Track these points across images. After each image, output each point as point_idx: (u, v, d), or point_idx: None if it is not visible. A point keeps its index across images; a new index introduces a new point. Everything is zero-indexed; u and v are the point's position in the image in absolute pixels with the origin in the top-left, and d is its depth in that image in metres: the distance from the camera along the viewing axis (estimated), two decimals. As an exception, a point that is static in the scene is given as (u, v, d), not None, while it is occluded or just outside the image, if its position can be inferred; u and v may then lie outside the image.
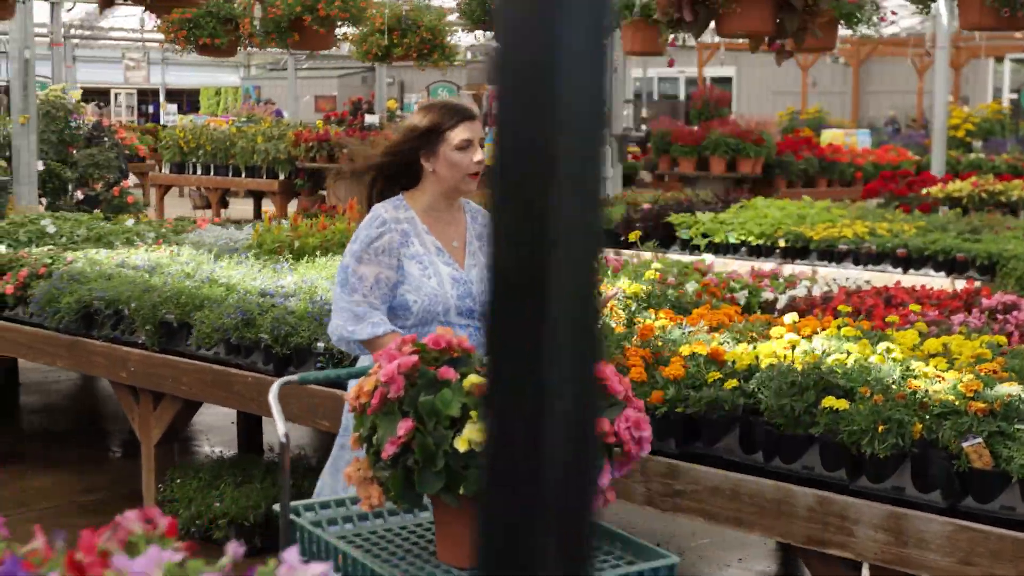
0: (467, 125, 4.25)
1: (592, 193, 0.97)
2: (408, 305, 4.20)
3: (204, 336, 6.38)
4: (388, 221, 4.25)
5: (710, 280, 6.96)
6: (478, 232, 4.38)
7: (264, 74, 41.73)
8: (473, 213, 4.43)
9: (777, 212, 10.59)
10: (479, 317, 4.09)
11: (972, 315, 6.39)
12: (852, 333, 5.24)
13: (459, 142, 4.23)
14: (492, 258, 0.96)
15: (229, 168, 20.34)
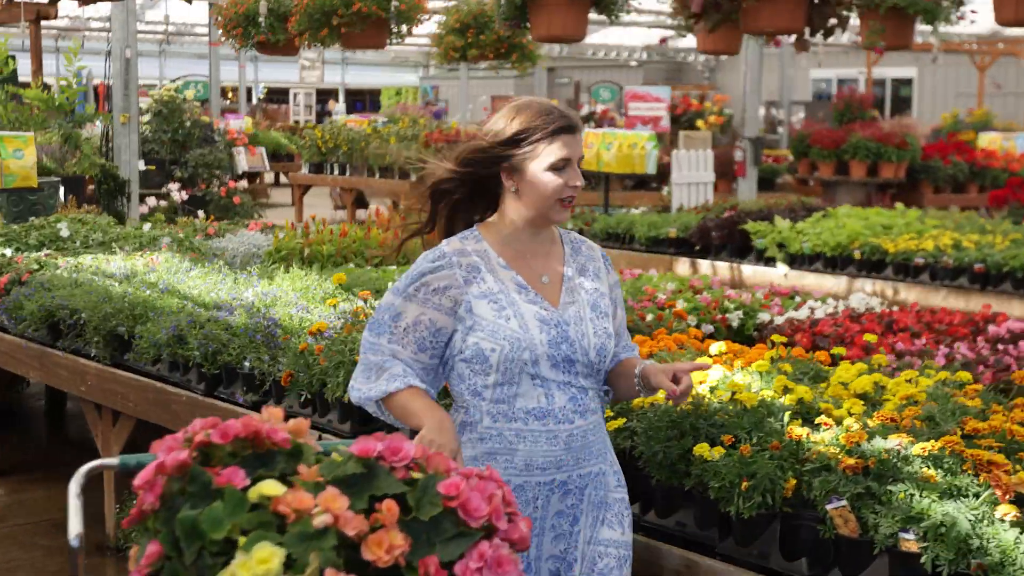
0: (567, 139, 3.31)
1: None
2: (484, 355, 3.27)
3: (143, 351, 6.10)
4: (450, 255, 3.35)
5: (704, 299, 6.37)
6: (580, 265, 3.45)
7: (443, 74, 41.78)
8: (574, 244, 3.50)
9: (858, 222, 9.83)
10: (582, 371, 3.33)
11: (977, 344, 5.67)
12: (785, 368, 4.63)
13: (555, 160, 3.30)
14: None
15: (365, 169, 20.22)
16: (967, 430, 3.90)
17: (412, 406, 3.29)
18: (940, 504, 3.44)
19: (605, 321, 3.40)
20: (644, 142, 11.82)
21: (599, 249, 3.58)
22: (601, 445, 3.41)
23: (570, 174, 3.33)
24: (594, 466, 3.38)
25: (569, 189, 3.33)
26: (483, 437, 3.32)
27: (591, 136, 12.36)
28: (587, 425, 3.35)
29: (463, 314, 3.30)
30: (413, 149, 19.18)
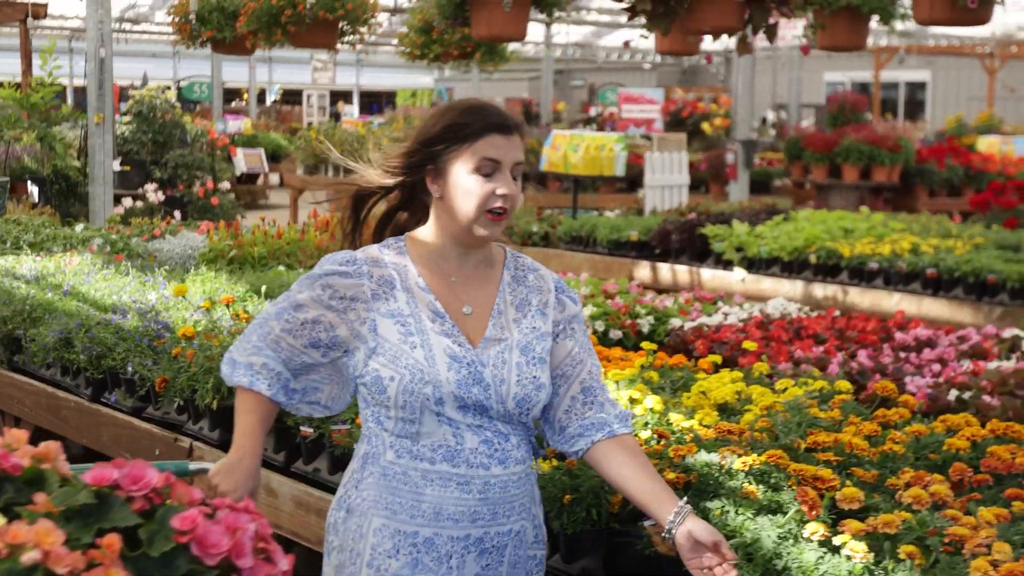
0: (497, 140, 2.88)
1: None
2: (383, 384, 2.86)
3: (33, 355, 5.97)
4: (361, 262, 2.94)
5: (616, 304, 6.20)
6: (520, 298, 3.00)
7: (458, 76, 41.69)
8: (519, 271, 3.04)
9: (816, 226, 9.63)
10: (498, 418, 2.90)
11: (882, 351, 5.49)
12: (651, 376, 4.46)
13: (480, 161, 2.87)
14: None
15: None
16: (808, 443, 3.72)
17: (238, 420, 2.99)
18: (752, 521, 3.27)
19: (538, 368, 2.92)
20: (612, 144, 11.64)
21: (553, 279, 3.07)
22: (526, 500, 2.95)
23: (499, 180, 2.87)
24: (515, 523, 2.93)
25: (497, 198, 2.86)
26: (386, 473, 2.89)
27: (559, 138, 12.19)
28: (508, 475, 2.89)
29: (366, 333, 2.90)
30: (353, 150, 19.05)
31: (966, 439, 3.79)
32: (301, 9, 9.10)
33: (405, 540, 2.86)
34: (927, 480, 3.43)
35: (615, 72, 37.62)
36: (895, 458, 3.71)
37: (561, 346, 3.01)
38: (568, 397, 3.03)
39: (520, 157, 2.94)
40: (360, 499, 2.92)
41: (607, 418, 3.00)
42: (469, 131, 2.89)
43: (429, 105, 29.49)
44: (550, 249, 11.33)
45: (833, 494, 3.37)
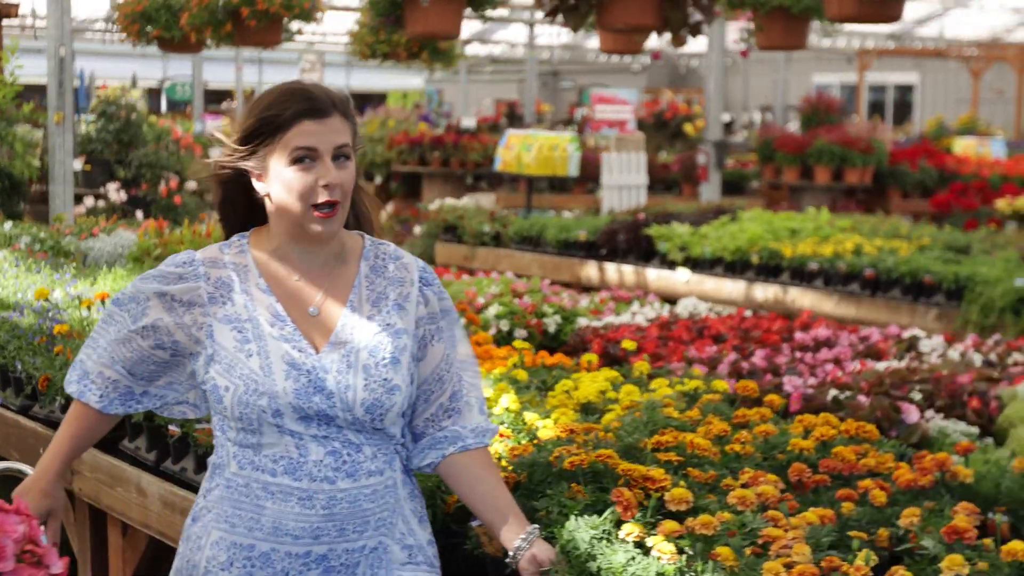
0: (311, 126, 2.70)
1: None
2: (219, 393, 2.74)
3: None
4: (198, 264, 2.81)
5: (524, 303, 6.14)
6: (377, 293, 2.83)
7: (448, 77, 41.63)
8: (379, 262, 2.87)
9: (760, 226, 9.57)
10: (348, 427, 2.74)
11: (782, 350, 5.43)
12: (518, 375, 4.39)
13: (293, 151, 2.70)
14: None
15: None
16: (652, 443, 3.66)
17: (56, 434, 2.94)
18: (571, 522, 3.20)
19: (390, 370, 2.75)
20: (565, 144, 11.58)
21: (419, 269, 2.88)
22: (386, 514, 2.79)
23: (320, 170, 2.70)
24: (370, 539, 2.77)
25: (321, 190, 2.69)
26: (230, 485, 2.78)
27: (513, 138, 12.13)
28: (358, 489, 2.74)
29: (204, 339, 2.77)
30: (380, 151, 18.99)
31: (816, 439, 3.72)
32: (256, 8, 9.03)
33: (240, 553, 2.75)
34: (761, 481, 3.37)
35: (604, 74, 37.55)
36: (740, 459, 3.64)
37: (432, 350, 2.86)
38: (436, 404, 2.91)
39: (340, 140, 2.74)
40: (204, 509, 2.84)
41: (461, 431, 2.89)
42: (280, 121, 2.71)
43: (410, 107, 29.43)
44: (501, 249, 11.27)
45: (661, 495, 3.31)
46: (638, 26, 6.96)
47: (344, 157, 2.75)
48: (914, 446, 4.11)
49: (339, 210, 2.75)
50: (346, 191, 2.77)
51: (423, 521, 2.91)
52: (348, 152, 2.77)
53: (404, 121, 21.60)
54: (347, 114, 2.80)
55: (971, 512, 3.09)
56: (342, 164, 2.75)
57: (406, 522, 2.85)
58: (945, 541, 2.87)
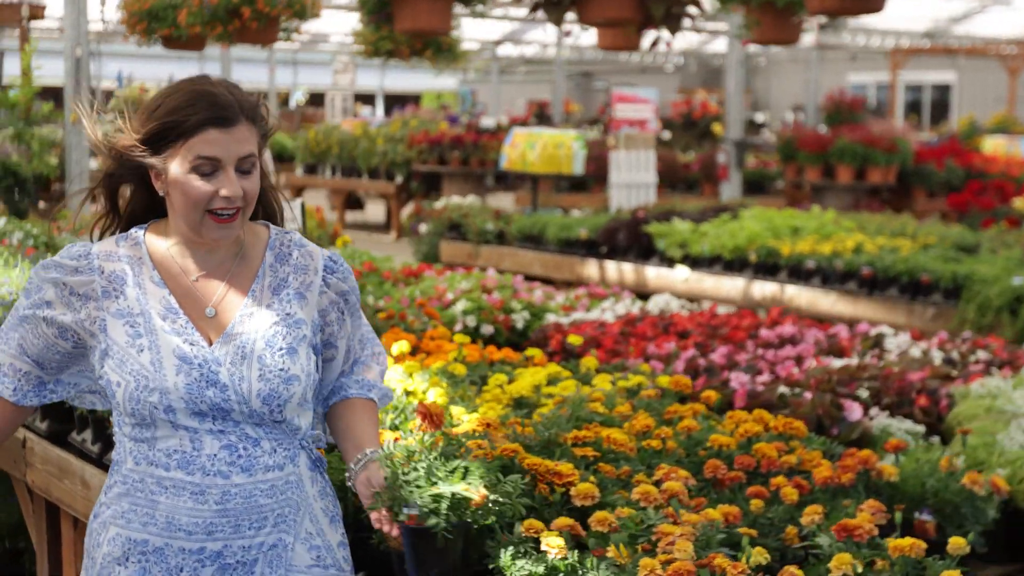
0: (215, 135, 2.64)
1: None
2: (112, 389, 2.70)
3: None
4: (93, 256, 2.75)
5: (492, 299, 6.09)
6: (278, 281, 2.78)
7: (480, 78, 41.67)
8: (283, 251, 2.82)
9: (759, 224, 9.47)
10: (246, 420, 2.69)
11: (746, 348, 5.35)
12: (457, 369, 4.33)
13: (194, 160, 2.65)
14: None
15: (358, 170, 20.08)
16: (570, 437, 3.59)
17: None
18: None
19: (287, 359, 2.69)
20: (571, 142, 11.52)
21: (324, 257, 2.85)
22: (288, 511, 2.72)
23: (221, 180, 2.64)
24: (268, 536, 2.70)
25: (220, 200, 2.64)
26: (126, 481, 2.72)
27: (518, 136, 12.08)
28: (254, 483, 2.68)
29: (98, 333, 2.72)
30: (401, 150, 18.98)
31: (740, 436, 3.65)
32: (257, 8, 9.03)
33: (135, 548, 2.70)
34: (672, 477, 3.30)
35: (637, 74, 37.42)
36: (660, 455, 3.58)
37: (338, 338, 2.88)
38: (338, 372, 2.97)
39: (245, 150, 2.66)
40: (104, 506, 2.80)
41: (346, 383, 2.93)
42: (183, 128, 2.64)
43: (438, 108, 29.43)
44: (504, 247, 11.22)
45: (568, 489, 3.24)
46: (618, 20, 6.88)
47: (248, 166, 2.69)
48: (854, 444, 4.03)
49: (240, 216, 2.70)
50: (249, 199, 2.70)
51: (335, 521, 2.83)
52: (253, 161, 2.70)
53: (429, 121, 21.60)
54: (255, 119, 2.73)
55: (876, 510, 3.01)
56: (245, 174, 2.69)
57: (314, 521, 2.78)
58: (836, 539, 2.79)
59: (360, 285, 6.50)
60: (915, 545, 2.76)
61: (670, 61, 36.35)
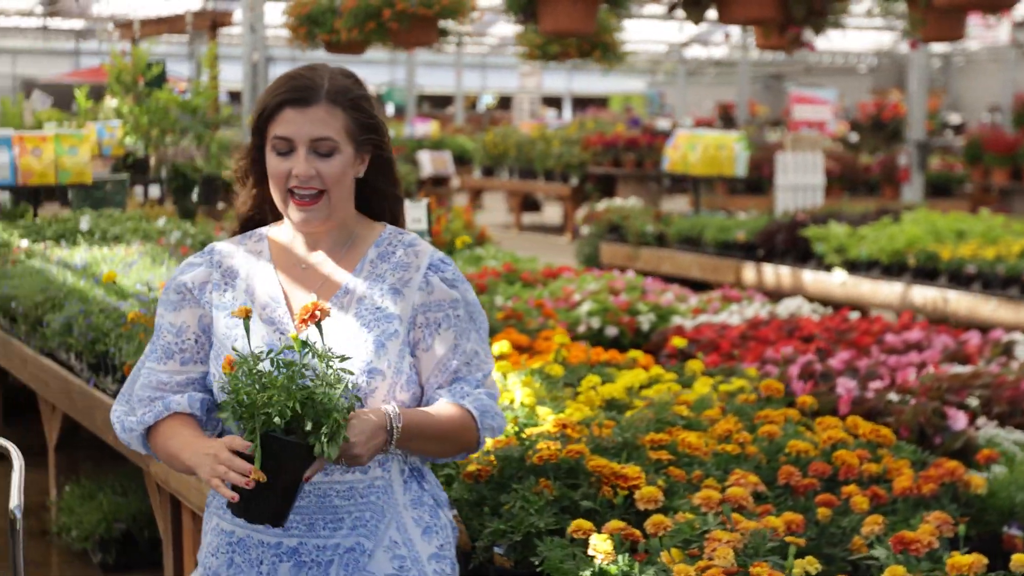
0: (290, 115, 2.64)
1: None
2: (210, 381, 2.74)
3: (48, 338, 6.19)
4: (215, 252, 2.80)
5: (618, 301, 6.06)
6: (376, 276, 2.72)
7: (669, 80, 41.46)
8: (389, 249, 2.76)
9: (920, 227, 9.20)
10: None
11: (871, 354, 5.23)
12: (554, 370, 4.32)
13: (272, 140, 2.65)
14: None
15: (535, 173, 20.18)
16: (646, 440, 3.55)
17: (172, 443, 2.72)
18: (539, 517, 3.14)
19: (372, 353, 2.62)
20: (732, 144, 11.37)
21: (430, 257, 2.73)
22: (368, 515, 2.64)
23: (294, 160, 2.62)
24: (345, 538, 2.64)
25: (292, 179, 2.62)
26: None
27: (681, 138, 11.97)
28: (329, 484, 2.63)
29: (209, 326, 2.73)
30: (576, 152, 19.03)
31: (825, 442, 3.56)
32: (400, 8, 9.16)
33: (224, 539, 2.73)
34: (741, 482, 3.24)
35: (827, 76, 36.73)
36: (738, 459, 3.51)
37: (433, 338, 2.69)
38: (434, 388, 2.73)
39: (319, 132, 2.62)
40: (210, 496, 2.83)
41: (441, 392, 2.70)
42: (267, 111, 2.66)
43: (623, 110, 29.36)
44: (663, 250, 11.14)
45: (632, 492, 3.21)
46: (758, 19, 6.76)
47: (325, 149, 2.64)
48: (957, 454, 3.89)
49: (323, 200, 2.66)
50: (327, 183, 2.64)
51: (428, 533, 2.69)
52: (331, 146, 2.64)
53: (607, 124, 21.59)
54: (344, 105, 2.67)
55: (943, 523, 2.90)
56: (322, 156, 2.64)
57: (402, 530, 2.67)
58: (892, 551, 2.69)
59: (490, 285, 6.52)
60: (975, 563, 2.65)
61: (863, 62, 35.59)
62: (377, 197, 2.83)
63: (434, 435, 2.64)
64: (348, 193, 2.72)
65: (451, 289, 2.71)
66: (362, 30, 9.28)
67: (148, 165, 13.83)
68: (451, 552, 2.72)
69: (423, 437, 2.62)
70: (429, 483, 2.74)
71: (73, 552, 6.22)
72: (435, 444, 2.66)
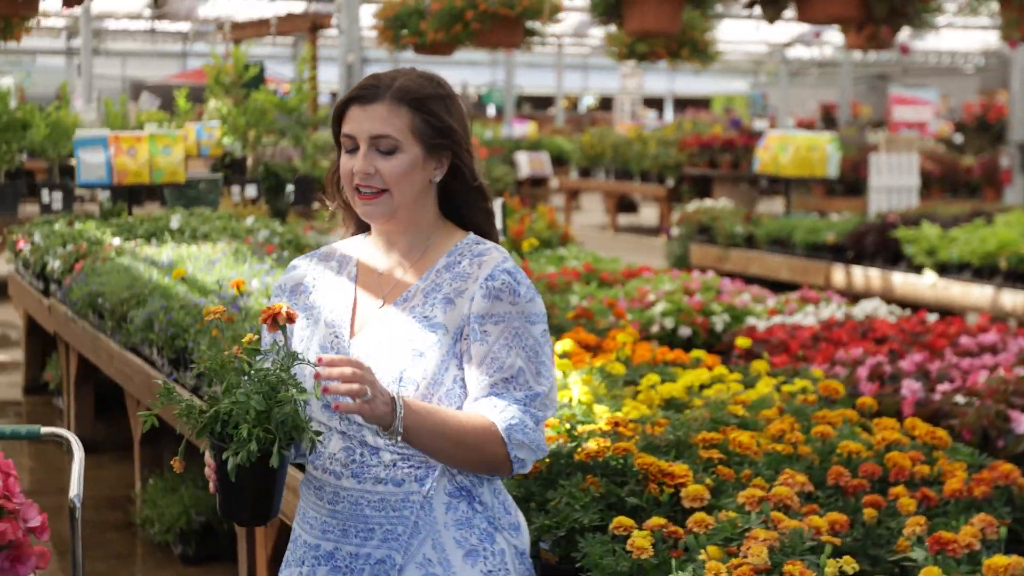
0: (353, 112, 2.68)
1: None
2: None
3: (130, 334, 6.32)
4: (315, 256, 2.87)
5: (692, 301, 6.06)
6: (435, 284, 2.69)
7: (772, 81, 41.07)
8: (459, 257, 2.72)
9: (1014, 230, 9.04)
10: (367, 424, 2.60)
11: (945, 356, 5.17)
12: (615, 369, 4.33)
13: (340, 138, 2.71)
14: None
15: (631, 174, 20.15)
16: (698, 439, 3.55)
17: None
18: (584, 514, 3.16)
19: (410, 361, 2.61)
20: (824, 145, 11.26)
21: (492, 267, 2.66)
22: (400, 529, 2.61)
23: (356, 157, 2.64)
24: (376, 549, 2.61)
25: (358, 176, 2.64)
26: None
27: (771, 139, 11.88)
28: (361, 492, 2.62)
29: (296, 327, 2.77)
30: (672, 153, 18.98)
31: (879, 443, 3.53)
32: (482, 8, 9.22)
33: (293, 535, 2.79)
34: (789, 482, 3.23)
35: (933, 76, 36.15)
36: (789, 459, 3.49)
37: (476, 350, 2.61)
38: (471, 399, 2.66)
39: (378, 129, 2.62)
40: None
41: (473, 404, 2.62)
42: (338, 109, 2.71)
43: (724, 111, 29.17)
44: (752, 251, 11.07)
45: (678, 490, 3.22)
46: (838, 17, 6.70)
47: (386, 147, 2.64)
48: (1019, 457, 3.84)
49: (384, 197, 2.66)
50: (387, 180, 2.64)
51: (473, 556, 2.62)
52: (391, 143, 2.64)
53: (707, 125, 21.48)
54: (409, 104, 2.66)
55: (987, 525, 2.87)
56: (382, 154, 2.64)
57: (439, 549, 2.61)
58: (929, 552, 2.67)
59: (562, 285, 6.53)
60: (1013, 565, 2.62)
61: (969, 61, 34.97)
62: (464, 206, 2.79)
63: (444, 435, 2.55)
64: (418, 196, 2.70)
65: (497, 301, 2.62)
66: (448, 32, 9.36)
67: (245, 165, 14.06)
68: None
69: (432, 434, 2.54)
70: (485, 506, 2.66)
71: (155, 544, 6.35)
72: (449, 446, 2.56)
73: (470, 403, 2.62)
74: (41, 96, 24.84)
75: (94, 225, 8.56)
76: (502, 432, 2.57)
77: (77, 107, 21.25)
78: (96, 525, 6.76)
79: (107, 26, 26.77)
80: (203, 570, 6.07)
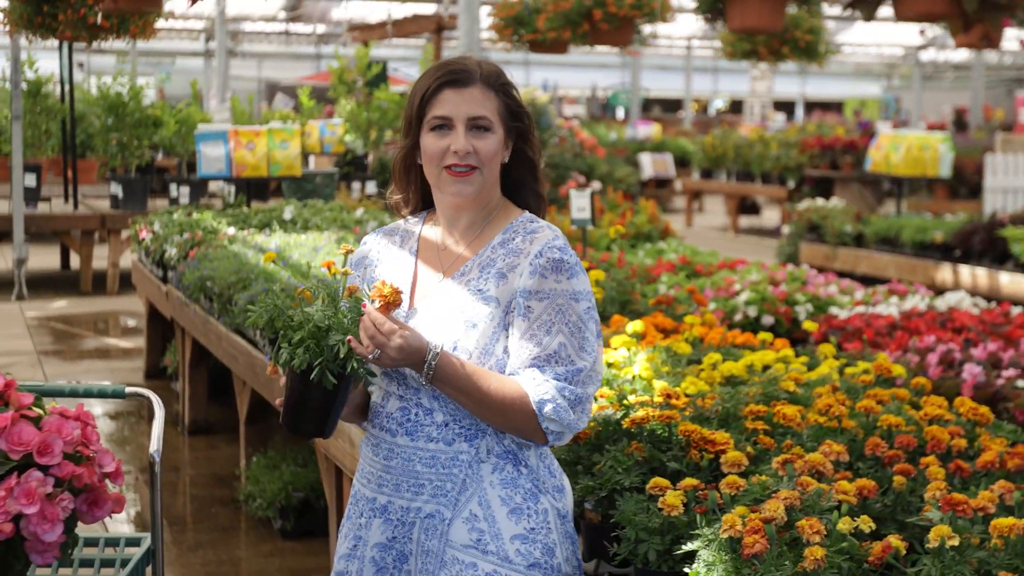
0: (449, 95, 2.81)
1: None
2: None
3: (234, 316, 6.61)
4: (380, 232, 3.06)
5: (776, 291, 6.17)
6: (490, 260, 2.85)
7: (905, 84, 40.51)
8: (513, 235, 2.88)
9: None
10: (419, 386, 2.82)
11: (1018, 347, 5.23)
12: (681, 348, 4.48)
13: (431, 119, 2.82)
14: None
15: (752, 175, 20.14)
16: (744, 411, 3.69)
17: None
18: (626, 476, 3.32)
19: (463, 332, 2.78)
20: (937, 144, 11.21)
21: (542, 245, 2.81)
22: (450, 486, 2.79)
23: (452, 137, 2.79)
24: (427, 504, 2.81)
25: (451, 155, 2.78)
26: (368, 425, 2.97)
27: (883, 138, 11.85)
28: (416, 449, 2.81)
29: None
30: (793, 155, 18.92)
31: (922, 418, 3.64)
32: (612, 10, 9.38)
33: (353, 489, 2.99)
34: (825, 452, 3.35)
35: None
36: (833, 432, 3.62)
37: (519, 324, 2.78)
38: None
39: (476, 111, 2.79)
40: None
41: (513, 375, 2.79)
42: (427, 92, 2.82)
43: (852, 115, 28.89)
44: (861, 250, 11.07)
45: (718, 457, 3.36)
46: (931, 15, 6.73)
47: (481, 128, 2.81)
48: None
49: (475, 175, 2.81)
50: (482, 159, 2.81)
51: (517, 513, 2.79)
52: (486, 124, 2.81)
53: (830, 127, 21.36)
54: (496, 88, 2.85)
55: (1006, 491, 2.98)
56: (478, 134, 2.81)
57: (484, 505, 2.78)
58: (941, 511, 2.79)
59: (649, 275, 6.66)
60: (1016, 526, 2.73)
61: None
62: (522, 188, 2.97)
63: (471, 393, 2.72)
64: (496, 175, 2.89)
65: (543, 279, 2.77)
66: (574, 31, 9.53)
67: (366, 162, 14.40)
68: (546, 538, 2.79)
69: (459, 390, 2.72)
70: (531, 468, 2.83)
71: (258, 519, 6.62)
72: (474, 405, 2.73)
73: (512, 371, 2.78)
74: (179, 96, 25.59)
75: (211, 215, 8.90)
76: (533, 404, 2.73)
77: (212, 106, 21.89)
78: (204, 500, 7.06)
79: (243, 28, 27.47)
80: (300, 544, 6.30)
